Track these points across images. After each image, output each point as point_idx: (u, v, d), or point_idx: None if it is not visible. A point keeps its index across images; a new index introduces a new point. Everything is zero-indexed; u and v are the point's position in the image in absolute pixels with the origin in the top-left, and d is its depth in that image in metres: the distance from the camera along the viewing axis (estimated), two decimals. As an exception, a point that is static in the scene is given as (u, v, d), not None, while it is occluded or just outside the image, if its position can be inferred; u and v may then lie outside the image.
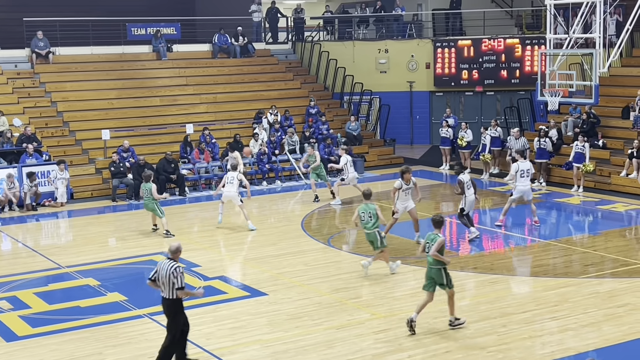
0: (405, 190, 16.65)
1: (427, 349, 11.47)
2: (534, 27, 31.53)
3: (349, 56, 31.42)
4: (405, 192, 16.66)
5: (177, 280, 10.54)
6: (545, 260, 16.07)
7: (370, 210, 14.65)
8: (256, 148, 25.64)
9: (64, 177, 22.27)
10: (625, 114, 24.81)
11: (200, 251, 17.26)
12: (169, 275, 10.53)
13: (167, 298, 10.66)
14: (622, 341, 11.65)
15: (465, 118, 29.88)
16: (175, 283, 10.54)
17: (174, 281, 10.53)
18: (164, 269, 10.61)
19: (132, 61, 29.00)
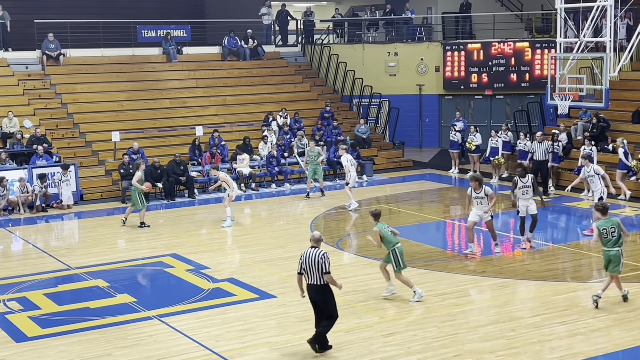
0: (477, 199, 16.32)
1: (435, 352, 11.45)
2: (544, 31, 31.49)
3: (359, 59, 31.43)
4: (477, 200, 16.31)
5: (325, 265, 11.17)
6: (555, 264, 16.03)
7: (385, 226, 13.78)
8: (265, 150, 25.69)
9: (68, 180, 22.30)
10: (636, 118, 24.73)
11: (209, 253, 17.28)
12: (317, 260, 11.16)
13: (316, 284, 11.25)
14: (632, 346, 11.61)
15: (474, 121, 29.85)
16: (323, 268, 11.16)
17: (322, 266, 11.16)
18: (310, 256, 11.22)
19: (142, 63, 29.09)
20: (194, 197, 23.43)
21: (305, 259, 11.29)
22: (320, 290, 11.28)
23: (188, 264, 16.34)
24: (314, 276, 11.25)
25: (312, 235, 11.54)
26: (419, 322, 12.62)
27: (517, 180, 16.83)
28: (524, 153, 24.28)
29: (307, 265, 11.26)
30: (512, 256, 17.04)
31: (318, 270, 11.19)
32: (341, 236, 18.84)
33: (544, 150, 22.64)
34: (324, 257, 11.22)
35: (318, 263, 11.17)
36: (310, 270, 11.25)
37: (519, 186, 16.76)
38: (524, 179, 16.75)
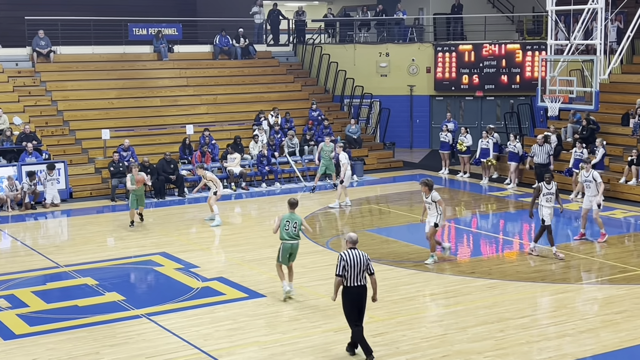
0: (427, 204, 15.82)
1: (424, 352, 11.47)
2: (535, 33, 31.58)
3: (350, 59, 31.44)
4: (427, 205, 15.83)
5: (371, 266, 11.11)
6: (544, 265, 16.08)
7: (296, 220, 13.77)
8: (256, 150, 25.68)
9: (53, 180, 22.19)
10: (625, 120, 24.84)
11: (199, 252, 17.26)
12: (365, 261, 11.04)
13: (362, 284, 11.06)
14: (620, 348, 11.66)
15: (465, 123, 29.92)
16: (370, 269, 11.10)
17: (370, 267, 11.08)
18: (358, 257, 11.02)
19: (133, 61, 29.02)
20: (184, 195, 23.40)
21: (349, 260, 10.98)
22: (364, 292, 11.11)
23: (177, 263, 16.32)
24: (360, 277, 11.03)
25: (350, 237, 11.31)
26: (408, 323, 12.64)
27: (542, 187, 16.39)
28: (514, 155, 24.36)
29: (351, 266, 10.96)
30: (501, 257, 17.09)
31: (364, 271, 11.03)
32: (331, 235, 18.84)
33: (545, 153, 22.49)
34: (369, 258, 11.13)
35: (364, 263, 11.02)
36: (355, 272, 10.98)
37: (544, 192, 16.31)
38: (549, 185, 16.33)
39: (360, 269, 11.02)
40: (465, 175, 26.02)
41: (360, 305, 11.18)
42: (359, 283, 11.07)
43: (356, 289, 11.07)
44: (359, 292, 11.10)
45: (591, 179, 17.50)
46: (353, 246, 11.21)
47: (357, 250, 11.14)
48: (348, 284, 11.06)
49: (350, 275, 11.02)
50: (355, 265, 11.00)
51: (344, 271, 11.02)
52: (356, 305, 11.16)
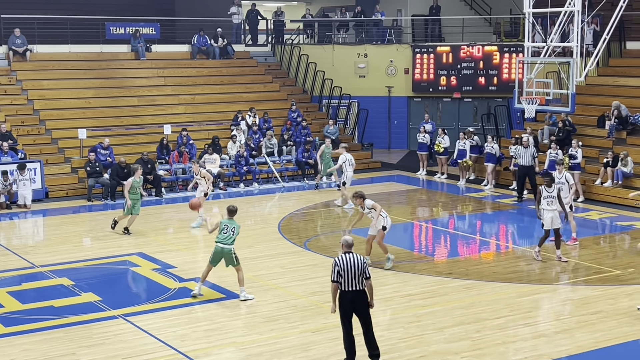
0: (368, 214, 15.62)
1: (401, 353, 11.51)
2: (512, 35, 31.77)
3: (329, 60, 31.47)
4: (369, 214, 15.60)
5: (367, 269, 10.83)
6: (520, 266, 16.18)
7: (234, 226, 13.83)
8: (234, 150, 25.63)
9: (26, 179, 21.97)
10: (601, 122, 25.06)
11: (176, 252, 17.20)
12: (362, 266, 10.75)
13: (357, 289, 10.75)
14: (595, 348, 11.75)
15: (442, 124, 30.04)
16: (366, 273, 10.79)
17: (366, 271, 10.79)
18: (353, 262, 10.73)
19: (111, 60, 28.86)
20: (161, 195, 23.31)
21: (344, 265, 10.68)
22: (361, 297, 10.77)
23: (154, 263, 16.25)
24: (355, 282, 10.70)
25: (345, 240, 10.99)
26: (385, 323, 12.67)
27: (543, 190, 16.15)
28: (491, 156, 24.49)
29: (346, 271, 10.66)
30: (478, 258, 17.18)
31: (360, 275, 10.70)
32: (309, 236, 18.85)
33: (530, 154, 22.41)
34: (365, 262, 10.84)
35: (360, 267, 10.70)
36: (350, 276, 10.68)
37: (544, 196, 16.09)
38: (549, 188, 16.11)
39: (356, 273, 10.68)
40: (443, 176, 26.13)
41: (356, 311, 10.84)
42: (354, 288, 10.72)
43: (351, 294, 10.74)
44: (354, 297, 10.75)
45: (564, 181, 17.62)
46: (348, 250, 10.88)
47: (353, 254, 10.81)
48: (343, 288, 10.76)
49: (345, 280, 10.70)
50: (350, 269, 10.69)
51: (339, 277, 10.73)
52: (350, 312, 10.83)
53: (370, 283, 10.84)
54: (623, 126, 24.40)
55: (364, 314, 10.88)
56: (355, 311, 10.86)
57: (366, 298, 10.88)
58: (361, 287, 10.76)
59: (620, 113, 24.38)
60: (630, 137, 24.25)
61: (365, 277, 10.76)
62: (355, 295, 10.76)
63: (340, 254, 10.93)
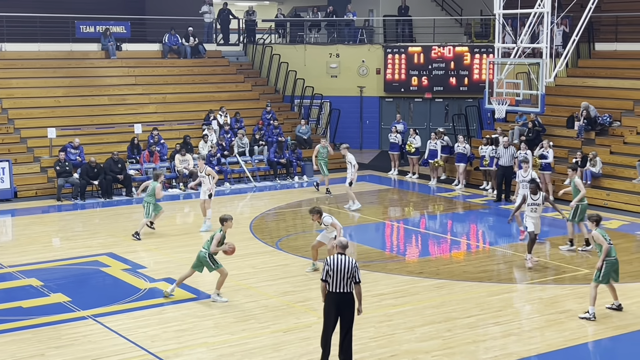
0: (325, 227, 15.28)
1: (372, 352, 11.54)
2: (483, 36, 31.96)
3: (300, 60, 31.46)
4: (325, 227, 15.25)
5: (357, 273, 10.71)
6: (490, 266, 16.29)
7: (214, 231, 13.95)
8: (205, 149, 25.53)
9: None
10: (570, 123, 25.30)
11: (147, 252, 17.11)
12: (349, 268, 10.65)
13: (344, 291, 10.67)
14: (564, 347, 11.87)
15: (414, 124, 30.15)
16: (356, 277, 10.69)
17: (355, 274, 10.68)
18: (343, 263, 10.66)
19: (80, 59, 28.61)
20: (131, 195, 23.15)
21: (333, 266, 10.65)
22: (347, 300, 10.70)
23: (124, 264, 16.14)
24: (343, 284, 10.65)
25: (339, 241, 10.99)
26: (357, 323, 12.59)
27: (527, 197, 15.92)
28: (462, 156, 24.63)
29: (334, 272, 10.64)
30: (449, 257, 17.27)
31: (348, 278, 10.63)
32: (281, 236, 18.83)
33: (509, 155, 22.50)
34: (357, 265, 10.71)
35: (349, 270, 10.62)
36: (338, 278, 10.63)
37: (529, 202, 15.84)
38: (535, 195, 15.85)
39: (344, 276, 10.61)
40: (414, 176, 26.24)
41: (340, 313, 10.76)
42: (341, 290, 10.66)
43: (337, 296, 10.68)
44: (340, 299, 10.68)
45: (529, 178, 17.84)
46: (341, 251, 10.81)
47: (345, 257, 10.73)
48: (330, 289, 10.72)
49: (333, 281, 10.66)
50: (338, 271, 10.63)
51: (328, 276, 10.70)
52: (334, 313, 10.77)
53: (358, 288, 10.75)
54: (592, 127, 24.66)
55: (347, 318, 10.81)
56: (339, 313, 10.82)
57: (352, 302, 10.78)
58: (348, 289, 10.68)
59: (589, 114, 24.64)
60: (599, 137, 24.52)
61: (354, 281, 10.68)
62: (340, 297, 10.70)
63: (335, 254, 10.89)
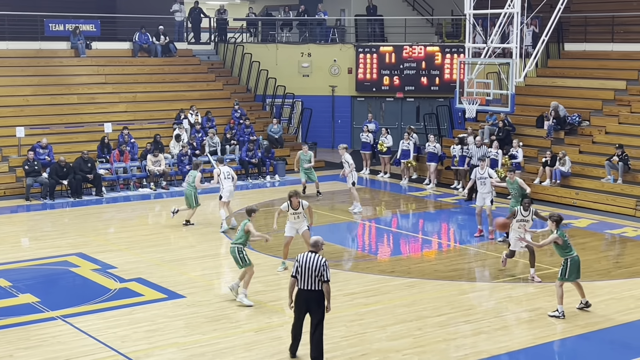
0: (293, 214, 15.46)
1: (344, 351, 11.55)
2: (454, 36, 32.13)
3: (272, 59, 31.41)
4: (293, 215, 15.46)
5: (326, 272, 10.77)
6: (461, 264, 16.38)
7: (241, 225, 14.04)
8: (176, 149, 25.40)
9: None
10: (540, 123, 25.51)
11: (117, 252, 16.97)
12: (319, 267, 10.72)
13: (313, 289, 10.77)
14: (534, 344, 11.96)
15: (385, 123, 30.22)
16: (324, 275, 10.74)
17: (324, 274, 10.74)
18: (313, 261, 10.76)
19: (50, 57, 28.32)
20: (101, 195, 22.98)
21: (302, 263, 10.79)
22: (317, 296, 10.81)
23: (94, 264, 16.01)
24: (311, 281, 10.76)
25: (313, 239, 11.12)
26: (328, 322, 12.62)
27: (518, 212, 15.13)
28: (433, 155, 24.74)
29: (303, 269, 10.76)
30: (420, 256, 17.34)
31: (317, 276, 10.72)
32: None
33: (482, 154, 22.46)
34: (326, 264, 10.78)
35: (318, 269, 10.72)
36: (306, 275, 10.76)
37: (518, 218, 15.08)
38: (525, 212, 15.08)
39: (312, 274, 10.73)
40: (386, 175, 26.31)
41: (309, 311, 10.89)
42: (309, 287, 10.78)
43: (305, 293, 10.82)
44: (308, 297, 10.80)
45: (486, 176, 17.99)
46: (312, 249, 10.94)
47: (316, 255, 10.84)
48: (299, 286, 10.86)
49: (302, 279, 10.80)
50: (307, 269, 10.75)
51: (297, 273, 10.83)
52: (303, 310, 10.91)
53: (327, 287, 10.81)
54: (561, 126, 24.90)
55: (316, 315, 10.89)
56: (308, 310, 10.91)
57: (321, 299, 10.86)
58: (316, 287, 10.78)
59: (558, 113, 24.87)
60: (568, 137, 24.76)
61: (323, 280, 10.75)
62: (309, 294, 10.81)
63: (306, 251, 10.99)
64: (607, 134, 24.08)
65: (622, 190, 21.55)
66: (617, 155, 21.90)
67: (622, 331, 12.67)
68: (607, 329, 12.67)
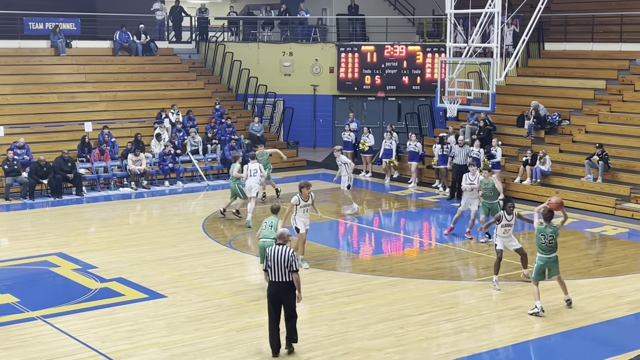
0: (303, 207, 15.61)
1: (325, 350, 11.55)
2: (435, 36, 32.22)
3: (254, 58, 31.37)
4: (303, 208, 15.60)
5: (294, 263, 11.06)
6: (442, 263, 16.44)
7: (272, 221, 14.27)
8: (157, 148, 25.31)
9: None
10: (520, 122, 25.63)
11: (97, 252, 16.89)
12: (286, 258, 11.02)
13: (283, 281, 11.07)
14: (514, 343, 12.02)
15: (367, 123, 30.26)
16: (292, 266, 11.03)
17: (291, 264, 11.03)
18: (279, 253, 11.08)
19: (29, 56, 28.12)
20: (81, 194, 22.85)
21: (271, 256, 11.12)
22: (286, 289, 11.10)
23: (75, 264, 15.92)
24: (280, 273, 11.07)
25: (279, 232, 11.57)
26: (310, 321, 12.70)
27: (502, 217, 14.76)
28: (415, 154, 24.81)
29: (273, 262, 11.08)
30: (402, 255, 17.38)
31: (286, 267, 11.03)
32: (235, 235, 18.75)
33: (465, 154, 22.64)
34: (293, 255, 11.12)
35: (286, 260, 11.03)
36: (276, 268, 11.07)
37: (503, 223, 14.73)
38: (509, 216, 14.72)
39: (281, 265, 11.04)
40: (368, 174, 26.35)
41: (281, 302, 11.15)
42: (280, 279, 11.09)
43: (277, 285, 11.13)
44: (279, 288, 11.11)
45: (476, 183, 17.97)
46: (280, 242, 11.31)
47: (283, 247, 11.17)
48: (271, 278, 11.18)
49: (272, 271, 11.12)
50: (276, 261, 11.07)
51: (267, 267, 11.17)
52: (276, 301, 11.16)
53: (296, 277, 11.11)
54: (541, 125, 25.03)
55: (289, 306, 11.20)
56: (281, 302, 11.16)
57: (292, 290, 11.16)
58: (286, 279, 11.07)
59: (538, 113, 25.00)
60: (548, 136, 24.90)
61: (291, 270, 11.06)
62: (280, 286, 11.11)
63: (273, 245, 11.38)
64: (587, 133, 24.24)
65: (602, 189, 21.71)
66: (597, 155, 22.05)
67: (603, 329, 12.76)
68: (587, 326, 12.75)
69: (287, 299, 11.15)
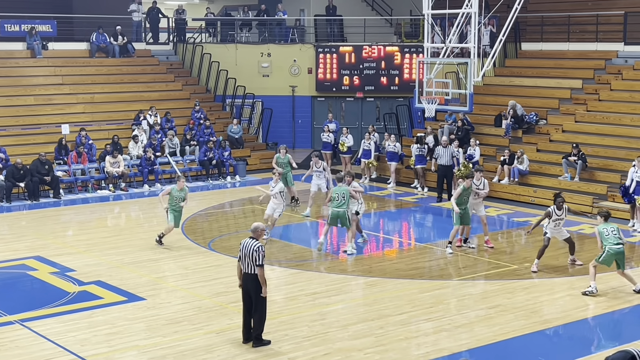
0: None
1: (306, 351, 11.55)
2: (413, 36, 32.29)
3: (232, 59, 31.29)
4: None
5: (258, 257, 11.43)
6: (421, 263, 16.49)
7: (343, 191, 16.51)
8: (136, 150, 25.18)
9: None
10: (498, 121, 25.77)
11: (76, 255, 16.77)
12: (252, 252, 11.45)
13: (250, 273, 11.55)
14: (493, 341, 12.08)
15: (346, 123, 30.28)
16: (257, 260, 11.42)
17: (256, 258, 11.42)
18: (247, 247, 11.53)
19: (5, 59, 27.86)
20: (59, 197, 22.69)
21: (242, 248, 11.61)
22: (252, 279, 11.50)
23: (53, 267, 15.81)
24: (248, 265, 11.52)
25: (252, 225, 11.85)
26: (290, 322, 12.70)
27: (552, 212, 15.18)
28: (393, 154, 24.86)
29: (243, 254, 11.58)
30: (382, 255, 17.41)
31: (252, 261, 11.45)
32: (213, 237, 18.70)
33: (449, 155, 22.69)
34: (259, 249, 11.46)
35: (251, 254, 11.44)
36: (245, 260, 11.55)
37: (554, 218, 15.23)
38: (559, 211, 15.15)
39: (250, 258, 11.48)
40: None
41: (249, 295, 11.60)
42: (248, 271, 11.55)
43: (245, 276, 11.62)
44: (247, 279, 11.59)
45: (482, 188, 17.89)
46: (252, 235, 11.71)
47: (252, 240, 11.58)
48: (243, 269, 11.66)
49: (243, 262, 11.62)
50: (245, 253, 11.55)
51: (239, 258, 11.68)
52: (246, 292, 11.64)
53: (260, 272, 11.47)
54: (519, 125, 25.18)
55: (255, 296, 11.59)
56: (248, 293, 11.65)
57: (256, 282, 11.53)
58: (252, 271, 11.52)
59: (516, 112, 25.15)
60: (526, 135, 25.05)
61: (256, 263, 11.47)
62: (247, 277, 11.61)
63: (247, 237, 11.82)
64: (564, 133, 24.41)
65: (579, 187, 21.86)
66: (573, 154, 22.20)
67: (580, 327, 12.87)
68: (565, 324, 12.85)
69: (253, 291, 11.55)
